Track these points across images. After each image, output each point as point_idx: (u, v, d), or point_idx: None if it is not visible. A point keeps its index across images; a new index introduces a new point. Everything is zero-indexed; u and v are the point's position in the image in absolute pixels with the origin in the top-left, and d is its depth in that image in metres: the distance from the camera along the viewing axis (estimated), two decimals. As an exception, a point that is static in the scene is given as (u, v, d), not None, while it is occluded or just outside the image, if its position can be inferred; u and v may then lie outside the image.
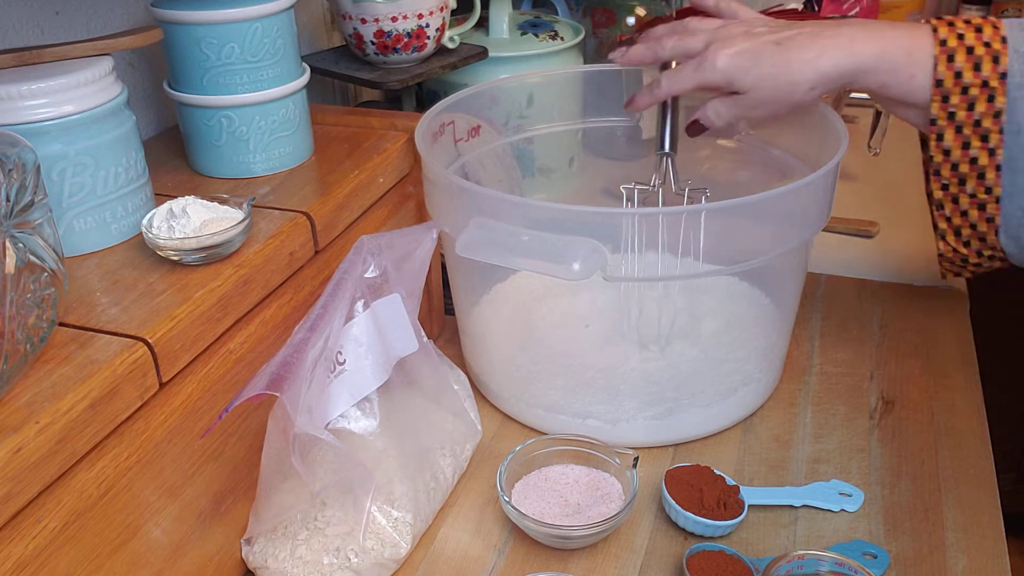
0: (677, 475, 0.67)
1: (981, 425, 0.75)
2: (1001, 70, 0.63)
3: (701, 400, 0.74)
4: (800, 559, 0.58)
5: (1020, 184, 0.64)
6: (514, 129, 0.91)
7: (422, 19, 0.89)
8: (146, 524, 0.53)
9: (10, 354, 0.47)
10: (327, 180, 0.72)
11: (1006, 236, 0.66)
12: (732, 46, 0.69)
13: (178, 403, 0.54)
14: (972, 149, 0.65)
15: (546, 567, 0.64)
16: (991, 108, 0.64)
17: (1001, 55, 0.63)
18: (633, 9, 1.15)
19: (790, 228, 0.69)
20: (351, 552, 0.61)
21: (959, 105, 0.64)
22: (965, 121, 0.65)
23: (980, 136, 0.64)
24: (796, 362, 0.84)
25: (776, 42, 0.68)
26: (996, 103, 0.63)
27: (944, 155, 0.66)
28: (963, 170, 0.66)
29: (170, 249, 0.59)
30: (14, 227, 0.47)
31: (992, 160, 0.64)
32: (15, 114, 0.56)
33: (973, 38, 0.64)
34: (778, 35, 0.69)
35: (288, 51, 0.72)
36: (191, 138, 0.74)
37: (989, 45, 0.64)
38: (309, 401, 0.58)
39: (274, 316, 0.63)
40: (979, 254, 0.70)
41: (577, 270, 0.61)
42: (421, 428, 0.68)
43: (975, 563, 0.62)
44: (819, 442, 0.75)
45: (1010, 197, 0.65)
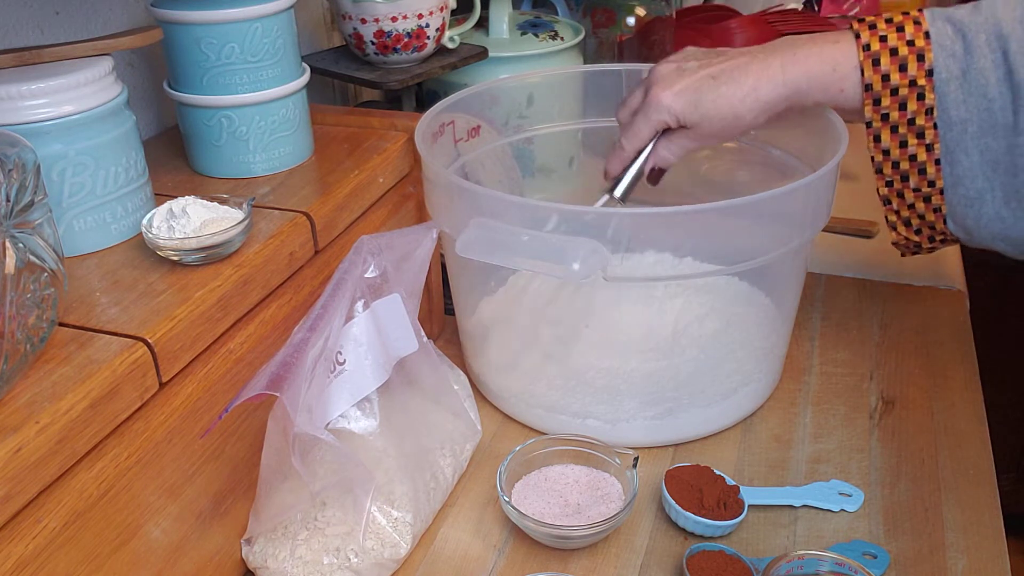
0: (677, 475, 0.67)
1: (981, 425, 0.75)
2: (927, 67, 0.64)
3: (701, 400, 0.74)
4: (800, 559, 0.58)
5: (959, 174, 0.65)
6: (514, 129, 0.91)
7: (422, 19, 0.89)
8: (146, 524, 0.53)
9: (10, 354, 0.47)
10: (327, 180, 0.72)
11: (953, 223, 0.68)
12: (671, 85, 0.71)
13: (178, 403, 0.54)
14: (910, 147, 0.66)
15: (546, 567, 0.64)
16: (922, 106, 0.65)
17: (926, 52, 0.64)
18: (633, 9, 1.15)
19: (790, 228, 0.69)
20: (351, 552, 0.61)
21: (891, 107, 0.66)
22: (899, 121, 0.66)
23: (916, 134, 0.66)
24: (796, 362, 0.84)
25: (712, 76, 0.70)
26: (927, 100, 0.65)
27: (884, 155, 0.68)
28: (904, 167, 0.67)
29: (170, 249, 0.59)
30: (14, 227, 0.47)
31: (931, 155, 0.66)
32: (15, 114, 0.56)
33: (895, 39, 0.65)
34: (710, 69, 0.70)
35: (288, 51, 0.72)
36: (191, 138, 0.74)
37: (912, 43, 0.65)
38: (309, 401, 0.58)
39: (274, 316, 0.63)
40: (931, 240, 0.72)
41: (577, 270, 0.61)
42: (421, 428, 0.68)
43: (975, 563, 0.62)
44: (819, 442, 0.75)
45: (952, 187, 0.66)
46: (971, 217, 0.66)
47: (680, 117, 0.71)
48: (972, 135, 0.64)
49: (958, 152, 0.65)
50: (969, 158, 0.64)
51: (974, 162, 0.64)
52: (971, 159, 0.64)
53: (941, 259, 0.99)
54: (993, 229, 0.66)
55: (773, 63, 0.69)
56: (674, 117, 0.71)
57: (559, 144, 0.97)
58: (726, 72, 0.70)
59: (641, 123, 0.73)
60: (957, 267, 0.98)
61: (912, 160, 0.67)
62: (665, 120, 0.72)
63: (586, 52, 1.15)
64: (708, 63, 0.71)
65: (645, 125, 0.73)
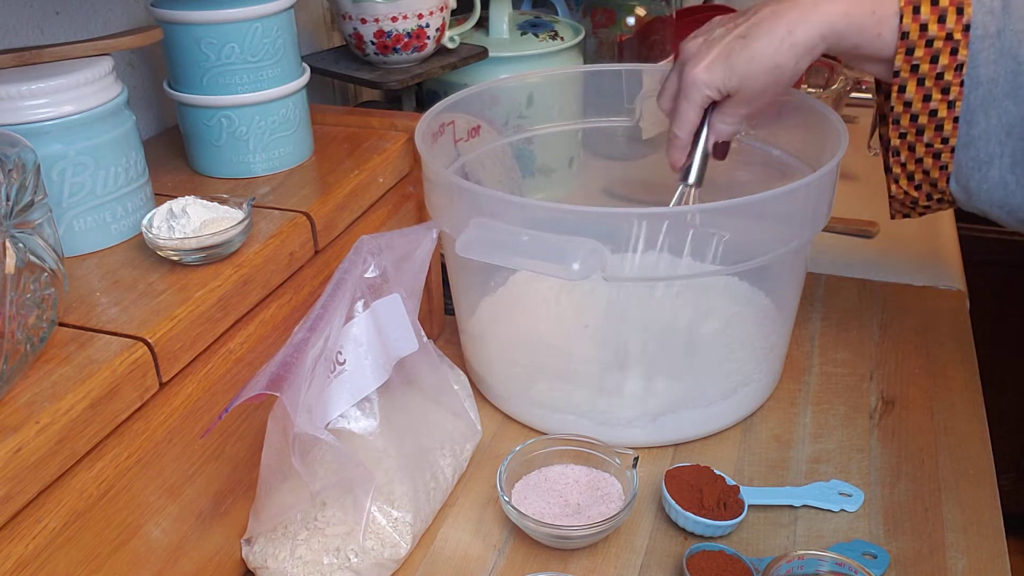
0: (677, 475, 0.67)
1: (981, 425, 0.75)
2: (965, 22, 0.63)
3: (701, 400, 0.74)
4: (800, 559, 0.58)
5: (975, 135, 0.65)
6: (514, 129, 0.91)
7: (422, 19, 0.89)
8: (146, 524, 0.53)
9: (10, 354, 0.47)
10: (327, 180, 0.72)
11: (956, 183, 0.67)
12: (702, 59, 0.69)
13: (178, 403, 0.54)
14: (932, 101, 0.65)
15: (546, 567, 0.64)
16: (954, 61, 0.64)
17: (965, 6, 0.63)
18: (633, 9, 1.14)
19: (790, 228, 0.69)
20: (351, 552, 0.61)
21: (923, 58, 0.65)
22: (928, 74, 0.65)
23: (941, 89, 0.65)
24: (796, 362, 0.84)
25: (741, 35, 0.68)
26: (959, 56, 0.64)
27: (905, 107, 0.67)
28: (922, 121, 0.67)
29: (170, 249, 0.59)
30: (14, 227, 0.47)
31: (951, 112, 0.65)
32: (15, 114, 0.56)
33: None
34: (739, 28, 0.68)
35: (288, 51, 0.72)
36: (191, 138, 0.74)
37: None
38: (309, 401, 0.58)
39: (274, 316, 0.63)
40: (928, 197, 0.71)
41: (577, 270, 0.61)
42: (421, 428, 0.68)
43: (975, 563, 0.62)
44: (819, 442, 0.75)
45: (964, 147, 0.65)
46: (975, 179, 0.66)
47: (720, 88, 0.69)
48: (996, 97, 0.63)
49: (979, 113, 0.64)
50: (988, 120, 0.64)
51: (992, 124, 0.64)
52: (989, 121, 0.64)
53: (941, 259, 0.99)
54: (994, 194, 0.66)
55: (805, 3, 0.66)
56: (714, 89, 0.69)
57: (559, 144, 0.97)
58: (755, 26, 0.67)
59: (685, 107, 0.72)
60: (957, 267, 0.98)
61: (932, 115, 0.65)
62: (707, 95, 0.70)
63: (586, 52, 1.15)
64: (734, 25, 0.69)
65: (690, 107, 0.71)
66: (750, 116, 0.73)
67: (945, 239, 1.04)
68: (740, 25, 0.69)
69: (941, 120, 0.66)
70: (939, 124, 0.66)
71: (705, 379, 0.74)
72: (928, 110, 0.66)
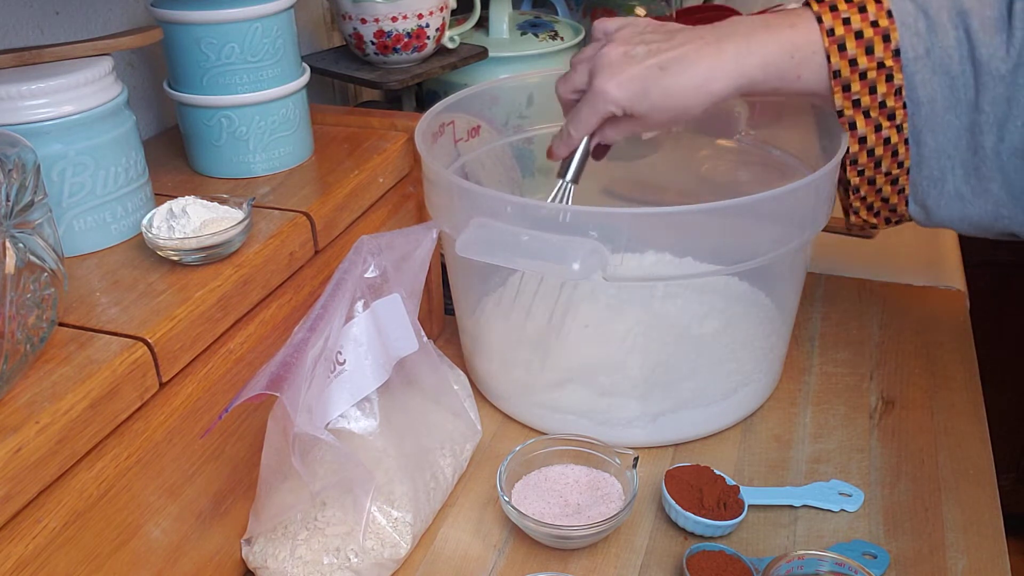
0: (677, 475, 0.67)
1: (981, 425, 0.75)
2: (894, 47, 0.64)
3: (701, 400, 0.74)
4: (800, 559, 0.58)
5: (924, 154, 0.65)
6: (514, 129, 0.91)
7: (422, 19, 0.89)
8: (146, 524, 0.53)
9: (10, 354, 0.47)
10: (327, 180, 0.72)
11: (914, 203, 0.68)
12: (616, 75, 0.68)
13: (178, 403, 0.54)
14: (884, 130, 0.66)
15: (546, 567, 0.64)
16: (891, 87, 0.64)
17: (891, 31, 0.64)
18: (633, 9, 1.15)
19: (790, 228, 0.69)
20: (351, 552, 0.61)
21: (861, 91, 0.65)
22: (871, 105, 0.66)
23: (887, 116, 0.66)
24: (796, 362, 0.84)
25: (660, 66, 0.67)
26: (895, 80, 0.64)
27: (860, 144, 0.67)
28: (878, 153, 0.67)
29: (170, 249, 0.59)
30: (14, 227, 0.47)
31: (901, 135, 0.66)
32: (15, 114, 0.56)
33: (859, 20, 0.64)
34: (659, 57, 0.67)
35: (288, 51, 0.72)
36: (191, 138, 0.74)
37: (876, 24, 0.64)
38: (309, 401, 0.58)
39: (274, 316, 0.63)
40: (887, 221, 0.72)
41: (577, 270, 0.61)
42: (421, 428, 0.68)
43: (975, 563, 0.62)
44: (819, 442, 0.75)
45: (917, 167, 0.66)
46: (932, 196, 0.66)
47: (627, 108, 0.69)
48: (938, 113, 0.64)
49: (925, 132, 0.65)
50: (935, 137, 0.64)
51: (939, 141, 0.64)
52: (936, 138, 0.64)
53: (941, 259, 0.99)
54: (952, 208, 0.66)
55: (726, 51, 0.66)
56: (620, 108, 0.69)
57: (559, 144, 0.97)
58: (675, 61, 0.66)
59: (587, 113, 0.71)
60: (957, 267, 0.98)
61: (886, 144, 0.66)
62: (612, 111, 0.70)
63: (586, 52, 1.15)
64: (657, 49, 0.68)
65: (591, 115, 0.71)
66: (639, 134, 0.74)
67: (945, 239, 1.04)
68: (663, 51, 0.67)
69: (895, 146, 0.66)
70: (894, 150, 0.67)
71: (705, 379, 0.74)
72: (882, 139, 0.66)
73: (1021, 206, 0.64)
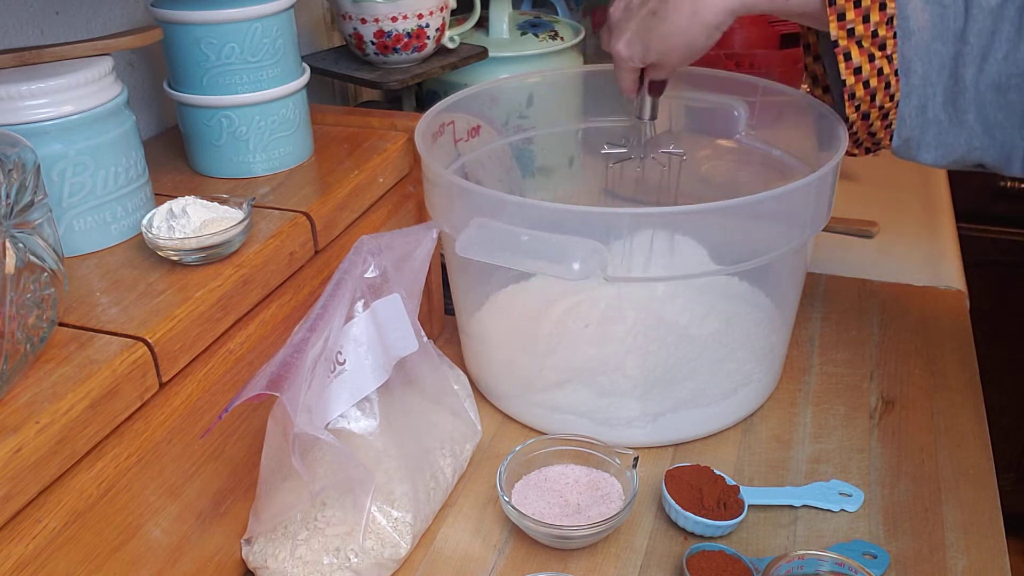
0: (677, 475, 0.67)
1: (981, 425, 0.75)
2: None
3: (701, 400, 0.74)
4: (800, 559, 0.58)
5: (913, 84, 0.66)
6: (514, 129, 0.91)
7: (422, 19, 0.89)
8: (146, 524, 0.53)
9: (10, 354, 0.47)
10: (327, 180, 0.72)
11: (898, 137, 0.69)
12: (621, 35, 0.73)
13: (178, 403, 0.54)
14: (876, 60, 0.66)
15: (546, 567, 0.64)
16: (884, 16, 0.65)
17: None
18: (633, 9, 1.14)
19: (790, 228, 0.69)
20: (351, 552, 0.61)
21: (855, 20, 0.66)
22: (864, 34, 0.66)
23: (879, 46, 0.66)
24: (796, 362, 0.84)
25: (652, 11, 0.70)
26: (888, 10, 0.65)
27: (855, 75, 0.67)
28: (873, 84, 0.67)
29: (170, 249, 0.59)
30: (14, 227, 0.47)
31: (891, 66, 0.66)
32: (15, 114, 0.56)
33: None
34: (651, 2, 0.70)
35: (288, 51, 0.72)
36: (191, 138, 0.74)
37: None
38: (309, 401, 0.58)
39: (274, 316, 0.63)
40: (867, 151, 0.74)
41: (577, 270, 0.61)
42: (421, 428, 0.68)
43: (975, 563, 0.62)
44: (819, 442, 0.75)
45: (906, 98, 0.67)
46: (916, 127, 0.67)
47: (642, 60, 0.73)
48: (926, 41, 0.65)
49: (915, 61, 0.65)
50: (923, 65, 0.65)
51: (927, 68, 0.65)
52: (925, 66, 0.65)
53: (941, 259, 0.99)
54: (929, 135, 0.67)
55: None
56: (638, 61, 0.74)
57: (559, 144, 0.97)
58: (664, 4, 0.69)
59: (618, 73, 0.76)
60: (957, 267, 0.98)
61: (880, 74, 0.67)
62: (634, 66, 0.74)
63: (586, 52, 1.15)
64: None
65: (624, 73, 0.76)
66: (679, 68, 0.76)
67: (945, 239, 1.04)
68: None
69: (887, 77, 0.67)
70: (887, 82, 0.67)
71: (705, 379, 0.74)
72: (875, 70, 0.67)
73: (991, 138, 0.66)
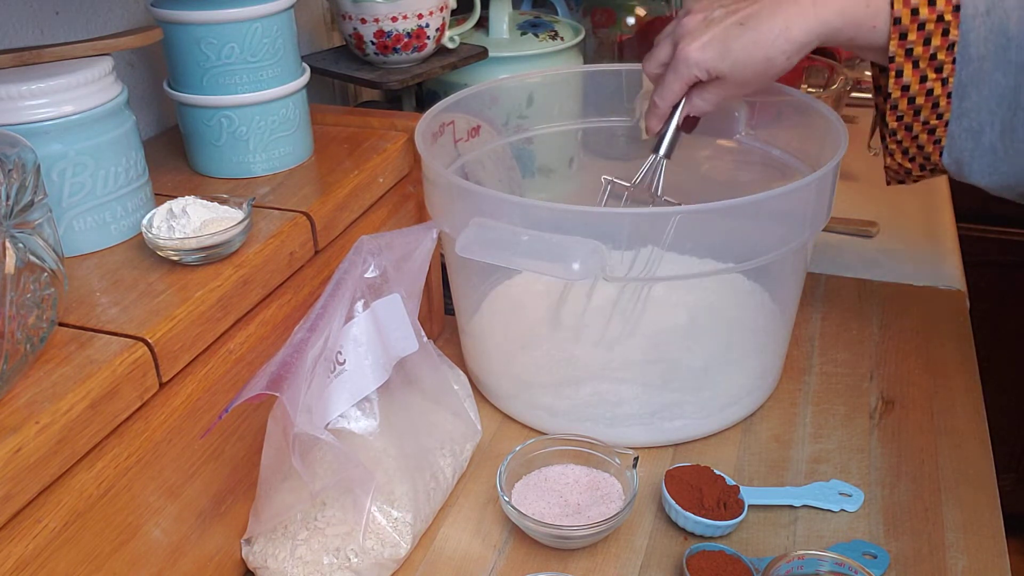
0: (677, 475, 0.67)
1: (981, 425, 0.75)
2: (955, 3, 0.65)
3: (701, 400, 0.74)
4: (800, 559, 0.58)
5: (966, 107, 0.67)
6: (514, 129, 0.91)
7: (422, 19, 0.89)
8: (146, 524, 0.53)
9: (10, 354, 0.47)
10: (327, 180, 0.72)
11: (948, 156, 0.69)
12: (697, 38, 0.71)
13: (178, 403, 0.54)
14: (928, 81, 0.67)
15: (546, 567, 0.64)
16: (945, 41, 0.66)
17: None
18: (633, 9, 1.15)
19: (790, 228, 0.69)
20: (351, 552, 0.61)
21: (916, 41, 0.66)
22: (922, 55, 0.67)
23: (935, 68, 0.67)
24: (796, 362, 0.84)
25: (740, 22, 0.69)
26: (951, 36, 0.66)
27: (903, 91, 0.68)
28: (919, 102, 0.68)
29: (170, 249, 0.59)
30: (14, 227, 0.47)
31: (944, 88, 0.67)
32: (15, 114, 0.56)
33: None
34: (739, 14, 0.70)
35: (288, 51, 0.72)
36: (191, 138, 0.74)
37: None
38: (309, 401, 0.58)
39: (274, 316, 0.63)
40: (922, 168, 0.73)
41: (577, 270, 0.61)
42: (421, 428, 0.68)
43: (975, 563, 0.62)
44: (819, 442, 0.75)
45: (957, 119, 0.67)
46: (968, 149, 0.68)
47: (710, 69, 0.71)
48: (986, 71, 0.65)
49: (970, 87, 0.66)
50: (979, 92, 0.66)
51: (983, 96, 0.66)
52: (980, 93, 0.66)
53: (941, 259, 0.99)
54: (984, 162, 0.67)
55: (803, 1, 0.68)
56: (704, 71, 0.71)
57: (559, 144, 0.97)
58: (754, 16, 0.69)
59: (672, 79, 0.73)
60: (957, 267, 0.98)
61: (928, 95, 0.67)
62: (695, 75, 0.72)
63: (586, 52, 1.15)
64: (735, 8, 0.70)
65: (676, 81, 0.73)
66: (728, 100, 0.75)
67: (945, 239, 1.04)
68: (740, 11, 0.70)
69: (937, 97, 0.67)
70: (935, 102, 0.68)
71: (705, 379, 0.74)
72: (925, 90, 0.67)
73: None
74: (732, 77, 0.71)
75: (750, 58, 0.69)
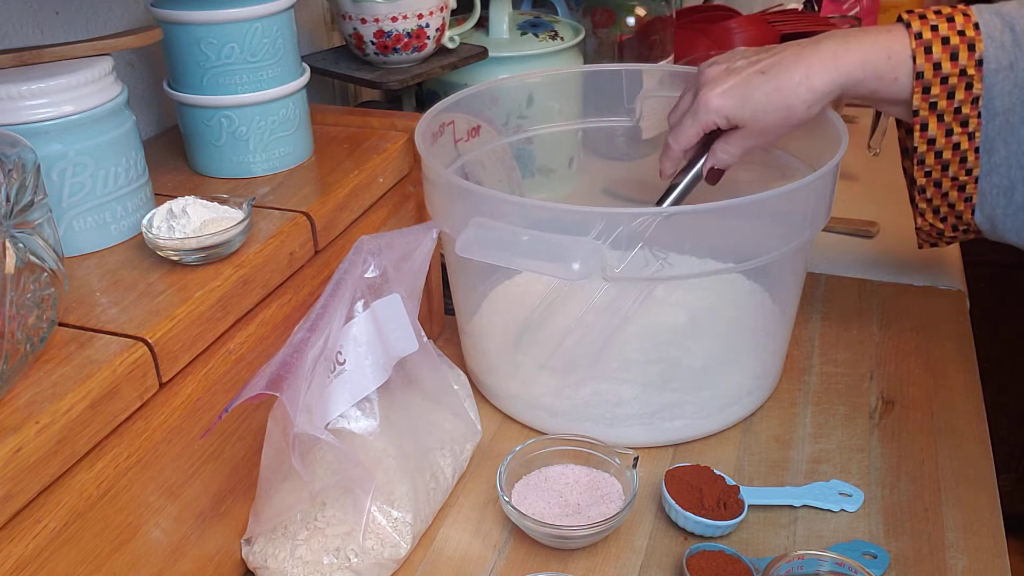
0: (677, 475, 0.67)
1: (981, 425, 0.75)
2: (977, 57, 0.65)
3: (701, 400, 0.74)
4: (800, 559, 0.58)
5: (995, 162, 0.67)
6: (514, 129, 0.91)
7: (422, 19, 0.89)
8: (146, 524, 0.53)
9: (10, 354, 0.47)
10: (327, 180, 0.72)
11: (980, 213, 0.69)
12: (719, 85, 0.71)
13: (178, 403, 0.54)
14: (954, 136, 0.67)
15: (546, 567, 0.64)
16: (969, 95, 0.66)
17: (976, 42, 0.65)
18: (633, 9, 1.14)
19: (790, 228, 0.69)
20: (351, 552, 0.61)
21: (940, 95, 0.67)
22: (946, 109, 0.67)
23: (960, 122, 0.67)
24: (796, 362, 0.84)
25: (761, 71, 0.69)
26: (974, 90, 0.66)
27: (929, 144, 0.68)
28: (946, 156, 0.68)
29: (170, 249, 0.59)
30: (14, 227, 0.47)
31: (972, 143, 0.67)
32: (15, 114, 0.56)
33: (947, 28, 0.66)
34: (761, 64, 0.70)
35: (288, 51, 0.72)
36: (191, 138, 0.74)
37: (963, 33, 0.66)
38: (309, 401, 0.58)
39: (274, 316, 0.63)
40: (954, 228, 0.73)
41: (577, 270, 0.61)
42: (421, 428, 0.68)
43: (975, 563, 0.62)
44: (819, 442, 0.75)
45: (987, 175, 0.67)
46: (1000, 206, 0.68)
47: (730, 116, 0.71)
48: (1013, 124, 0.65)
49: (998, 141, 0.66)
50: (1007, 147, 0.66)
51: (1012, 151, 0.65)
52: (1009, 148, 0.66)
53: (941, 259, 0.99)
54: (1019, 219, 0.67)
55: (825, 52, 0.68)
56: (723, 117, 0.71)
57: (559, 144, 0.97)
58: (775, 65, 0.69)
59: (688, 123, 0.73)
60: (957, 267, 0.98)
61: (955, 149, 0.67)
62: (713, 120, 0.72)
63: (586, 52, 1.15)
64: (756, 60, 0.71)
65: (692, 125, 0.73)
66: (750, 151, 0.74)
67: (945, 239, 1.04)
68: (762, 61, 0.70)
69: (964, 152, 0.67)
70: (963, 156, 0.68)
71: (705, 379, 0.74)
72: (951, 144, 0.67)
73: None
74: (752, 125, 0.71)
75: (770, 105, 0.69)
